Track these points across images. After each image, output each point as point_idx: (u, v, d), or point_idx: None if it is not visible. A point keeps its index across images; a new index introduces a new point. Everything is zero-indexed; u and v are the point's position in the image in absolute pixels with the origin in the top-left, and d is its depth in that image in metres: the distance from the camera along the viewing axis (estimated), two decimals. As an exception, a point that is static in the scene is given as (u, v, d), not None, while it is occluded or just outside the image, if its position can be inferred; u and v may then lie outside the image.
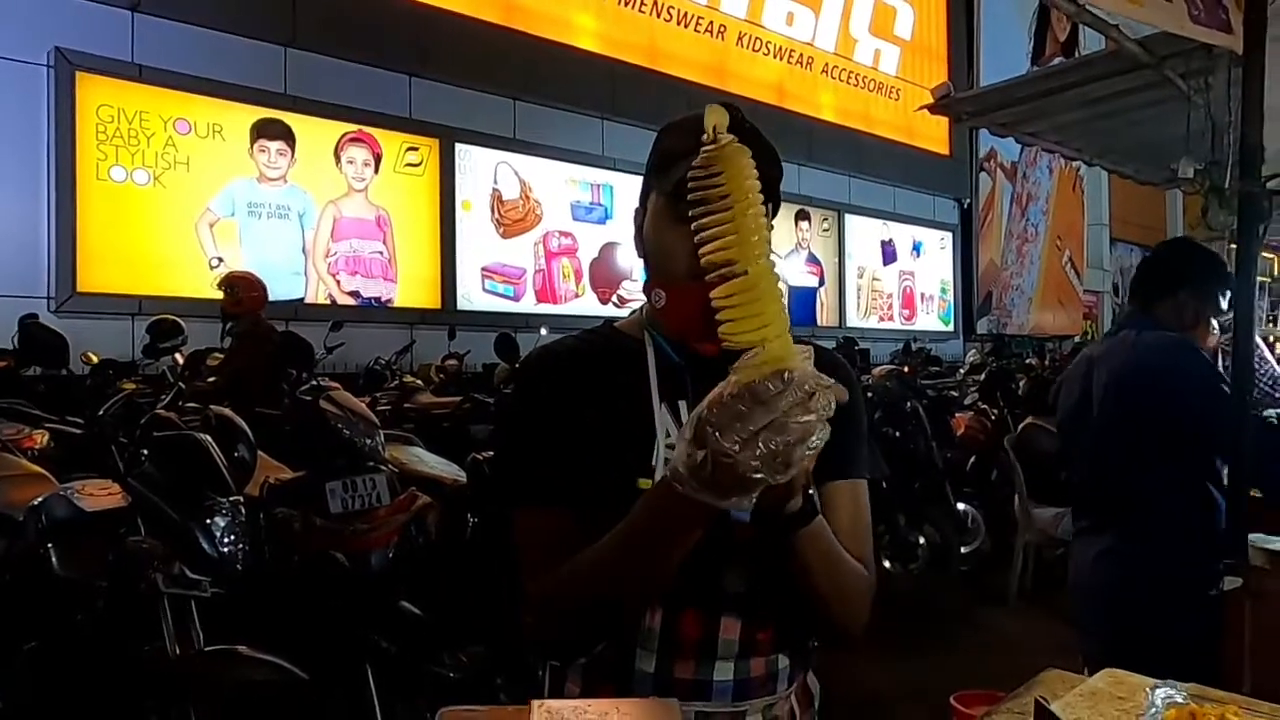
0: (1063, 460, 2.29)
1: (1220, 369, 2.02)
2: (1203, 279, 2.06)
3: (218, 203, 7.41)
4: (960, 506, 5.58)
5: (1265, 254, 7.10)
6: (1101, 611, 2.03)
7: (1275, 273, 7.46)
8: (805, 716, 1.14)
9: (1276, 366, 2.87)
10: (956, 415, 6.33)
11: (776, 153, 1.09)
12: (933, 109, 3.41)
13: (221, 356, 4.93)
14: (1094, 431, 2.06)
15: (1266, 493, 1.95)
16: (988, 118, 3.52)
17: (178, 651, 2.29)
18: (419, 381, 6.31)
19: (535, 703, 0.62)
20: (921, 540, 5.15)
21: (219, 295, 5.14)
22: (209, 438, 2.71)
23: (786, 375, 0.75)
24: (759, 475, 0.76)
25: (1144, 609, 1.90)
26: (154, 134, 7.01)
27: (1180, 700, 0.92)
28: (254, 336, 4.84)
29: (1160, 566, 1.92)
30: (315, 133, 7.98)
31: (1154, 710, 0.89)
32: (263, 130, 7.67)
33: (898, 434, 5.45)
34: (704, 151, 0.83)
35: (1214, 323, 2.05)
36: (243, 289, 5.02)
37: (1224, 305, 2.03)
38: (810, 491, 0.96)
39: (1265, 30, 1.74)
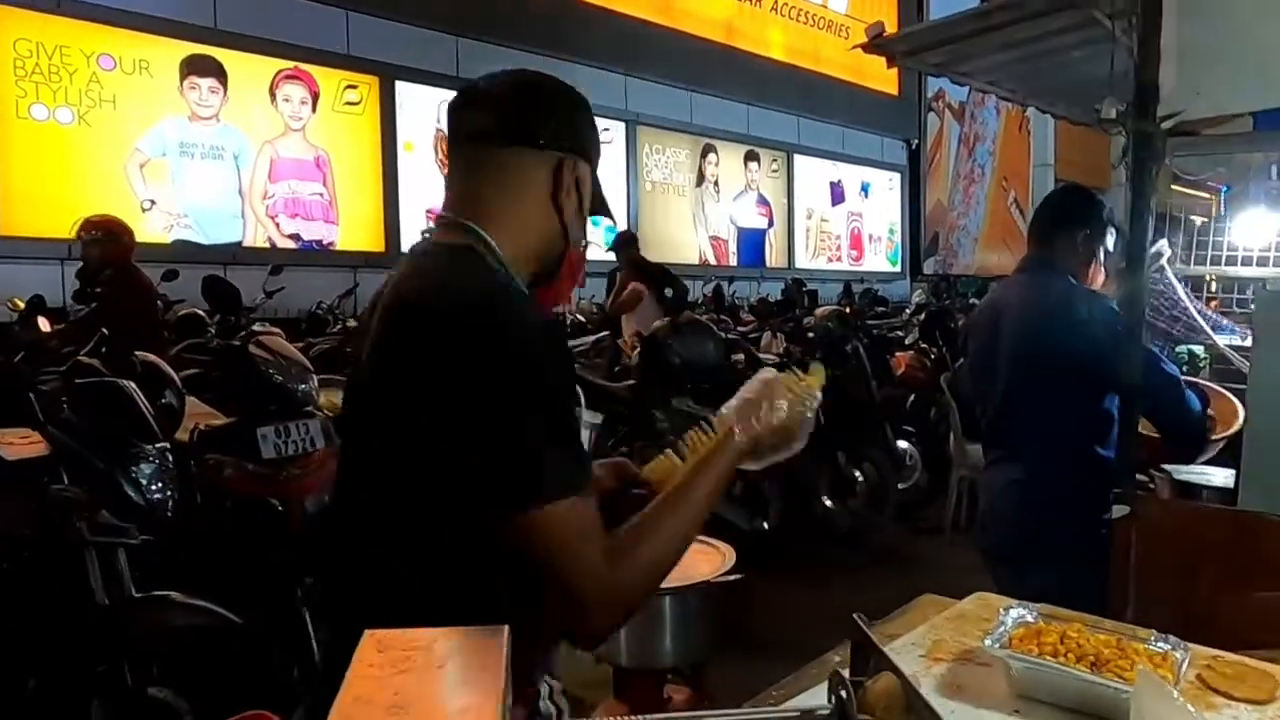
0: (977, 399, 2.38)
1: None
2: (1095, 219, 2.17)
3: (147, 142, 7.17)
4: (900, 444, 5.72)
5: (1202, 194, 7.23)
6: (1010, 536, 2.15)
7: (1214, 213, 7.58)
8: None
9: (1186, 301, 2.96)
10: (897, 355, 6.44)
11: (588, 106, 1.14)
12: (866, 49, 3.38)
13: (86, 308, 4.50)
14: (1004, 370, 2.15)
15: (1159, 428, 2.05)
16: (920, 58, 3.50)
17: (107, 600, 2.28)
18: (362, 326, 6.23)
19: (367, 631, 0.65)
20: (860, 477, 5.26)
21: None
22: (132, 384, 2.67)
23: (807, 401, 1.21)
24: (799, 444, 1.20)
25: (1046, 533, 2.01)
26: (76, 70, 6.73)
27: (1031, 620, 0.99)
28: (126, 283, 4.49)
29: (1061, 493, 2.02)
30: (249, 70, 7.72)
31: (1002, 629, 0.95)
32: (193, 66, 7.40)
33: (838, 373, 5.53)
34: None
35: (1102, 260, 2.15)
36: (114, 234, 4.57)
37: (1110, 243, 2.15)
38: None
39: (1164, -28, 1.77)
